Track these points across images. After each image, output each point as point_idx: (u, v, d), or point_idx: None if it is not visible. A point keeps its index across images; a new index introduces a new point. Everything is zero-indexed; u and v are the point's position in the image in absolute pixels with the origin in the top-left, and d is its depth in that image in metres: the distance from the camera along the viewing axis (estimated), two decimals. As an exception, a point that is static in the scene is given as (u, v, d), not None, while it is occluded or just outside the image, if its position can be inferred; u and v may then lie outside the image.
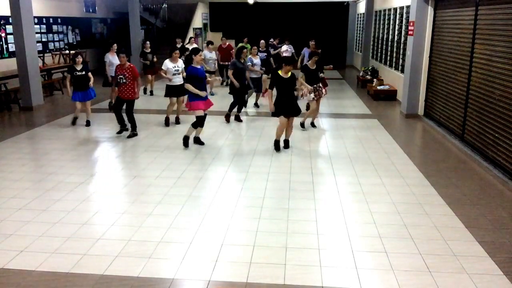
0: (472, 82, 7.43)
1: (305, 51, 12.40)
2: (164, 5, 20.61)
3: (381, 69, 14.58)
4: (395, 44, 12.94)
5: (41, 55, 13.55)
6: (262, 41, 12.72)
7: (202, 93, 7.23)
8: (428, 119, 9.56)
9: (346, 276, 3.76)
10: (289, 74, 7.17)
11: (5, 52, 12.67)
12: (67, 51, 15.63)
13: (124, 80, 7.93)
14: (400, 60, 12.14)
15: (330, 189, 5.75)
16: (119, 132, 8.35)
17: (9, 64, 12.43)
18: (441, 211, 5.07)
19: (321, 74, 9.07)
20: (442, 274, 3.80)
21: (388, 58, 13.74)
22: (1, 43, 12.55)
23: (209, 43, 13.12)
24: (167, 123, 9.15)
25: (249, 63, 10.16)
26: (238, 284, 3.66)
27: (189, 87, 7.21)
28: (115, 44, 10.66)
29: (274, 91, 7.17)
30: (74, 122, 9.12)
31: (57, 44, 15.67)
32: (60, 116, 9.99)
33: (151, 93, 12.89)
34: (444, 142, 8.04)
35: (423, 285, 3.66)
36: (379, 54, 15.30)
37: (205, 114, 7.54)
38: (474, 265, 3.94)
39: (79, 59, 8.83)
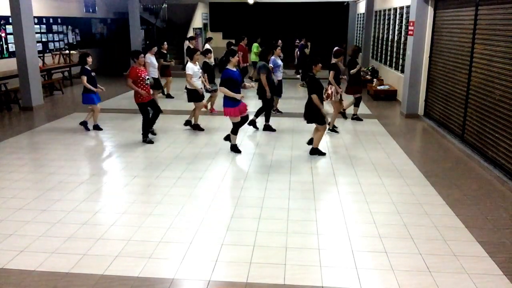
0: (472, 82, 7.43)
1: None
2: (164, 5, 20.60)
3: (381, 69, 14.58)
4: (395, 44, 12.94)
5: (41, 55, 13.55)
6: (280, 41, 12.45)
7: (238, 96, 6.88)
8: (428, 119, 9.56)
9: (346, 276, 3.76)
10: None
11: (5, 52, 12.68)
12: (67, 51, 15.63)
13: (151, 81, 7.61)
14: (400, 60, 12.14)
15: (330, 189, 5.75)
16: (150, 141, 7.81)
17: (9, 64, 12.43)
18: (441, 211, 5.07)
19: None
20: (442, 274, 3.80)
21: (388, 58, 13.74)
22: (1, 43, 12.55)
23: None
24: (199, 128, 8.59)
25: (271, 65, 9.45)
26: (238, 284, 3.66)
27: (224, 90, 6.83)
28: (156, 48, 10.37)
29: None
30: (87, 127, 8.61)
31: (57, 44, 15.67)
32: (60, 116, 9.99)
33: (170, 96, 12.28)
34: (444, 142, 8.04)
35: (423, 285, 3.66)
36: (379, 54, 15.29)
37: (247, 115, 7.25)
38: (474, 265, 3.94)
39: (90, 59, 8.36)
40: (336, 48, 8.83)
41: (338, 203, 5.29)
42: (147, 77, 7.55)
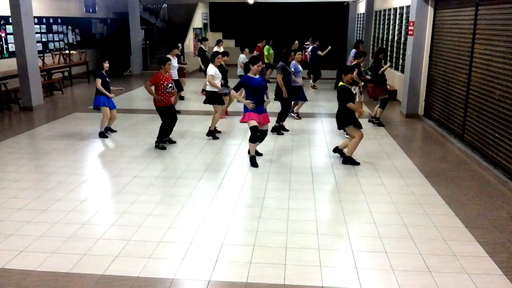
0: (472, 82, 7.43)
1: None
2: (164, 5, 20.61)
3: (381, 69, 14.56)
4: (395, 44, 12.94)
5: (41, 55, 13.55)
6: (296, 41, 12.04)
7: (247, 102, 6.42)
8: (428, 119, 9.56)
9: (346, 276, 3.76)
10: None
11: (5, 52, 12.67)
12: (67, 51, 15.63)
13: (173, 89, 7.43)
14: (400, 60, 12.14)
15: (330, 189, 5.75)
16: (164, 148, 7.48)
17: (9, 64, 12.43)
18: (441, 211, 5.07)
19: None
20: (442, 274, 3.80)
21: (388, 58, 13.74)
22: (1, 43, 12.55)
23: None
24: (214, 136, 8.10)
25: (292, 69, 8.83)
26: (238, 284, 3.66)
27: (233, 92, 6.57)
28: (177, 49, 10.03)
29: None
30: (105, 135, 8.22)
31: (57, 44, 15.67)
32: (60, 116, 9.99)
33: (182, 98, 11.94)
34: (444, 142, 8.04)
35: (423, 285, 3.66)
36: (379, 54, 15.26)
37: (266, 130, 6.85)
38: (474, 265, 3.94)
39: (107, 64, 8.13)
40: (355, 50, 8.71)
41: (338, 203, 5.29)
42: (170, 85, 7.31)
